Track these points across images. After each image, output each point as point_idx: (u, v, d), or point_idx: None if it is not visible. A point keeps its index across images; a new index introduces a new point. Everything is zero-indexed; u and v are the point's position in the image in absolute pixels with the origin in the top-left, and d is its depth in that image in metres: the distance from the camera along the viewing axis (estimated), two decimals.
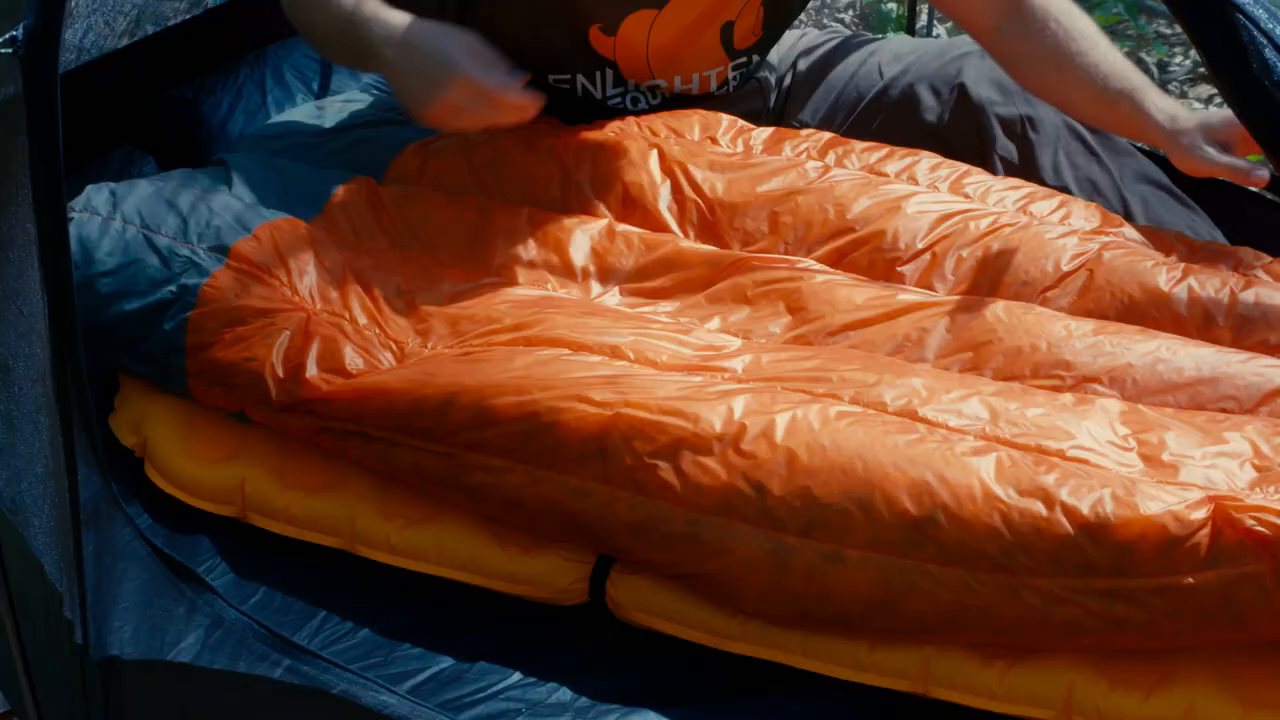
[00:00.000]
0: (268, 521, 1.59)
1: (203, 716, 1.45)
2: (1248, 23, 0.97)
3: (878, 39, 2.07)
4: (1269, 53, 0.96)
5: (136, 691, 1.41)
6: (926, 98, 1.92)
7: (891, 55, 1.99)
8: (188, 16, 2.07)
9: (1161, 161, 1.89)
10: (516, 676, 1.48)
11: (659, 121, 1.85)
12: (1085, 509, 1.31)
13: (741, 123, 1.87)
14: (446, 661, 1.49)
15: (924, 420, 1.42)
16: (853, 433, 1.39)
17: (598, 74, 1.90)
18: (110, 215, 1.65)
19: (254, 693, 1.40)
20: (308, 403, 1.52)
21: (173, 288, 1.60)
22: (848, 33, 2.15)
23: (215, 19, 2.14)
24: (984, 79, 1.89)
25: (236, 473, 1.60)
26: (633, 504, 1.42)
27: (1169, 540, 1.29)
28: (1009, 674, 1.38)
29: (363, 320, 1.58)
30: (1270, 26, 0.97)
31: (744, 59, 1.95)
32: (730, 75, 1.95)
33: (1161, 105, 1.71)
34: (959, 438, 1.40)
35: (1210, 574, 1.29)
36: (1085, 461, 1.37)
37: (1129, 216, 1.86)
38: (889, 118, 1.95)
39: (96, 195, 1.68)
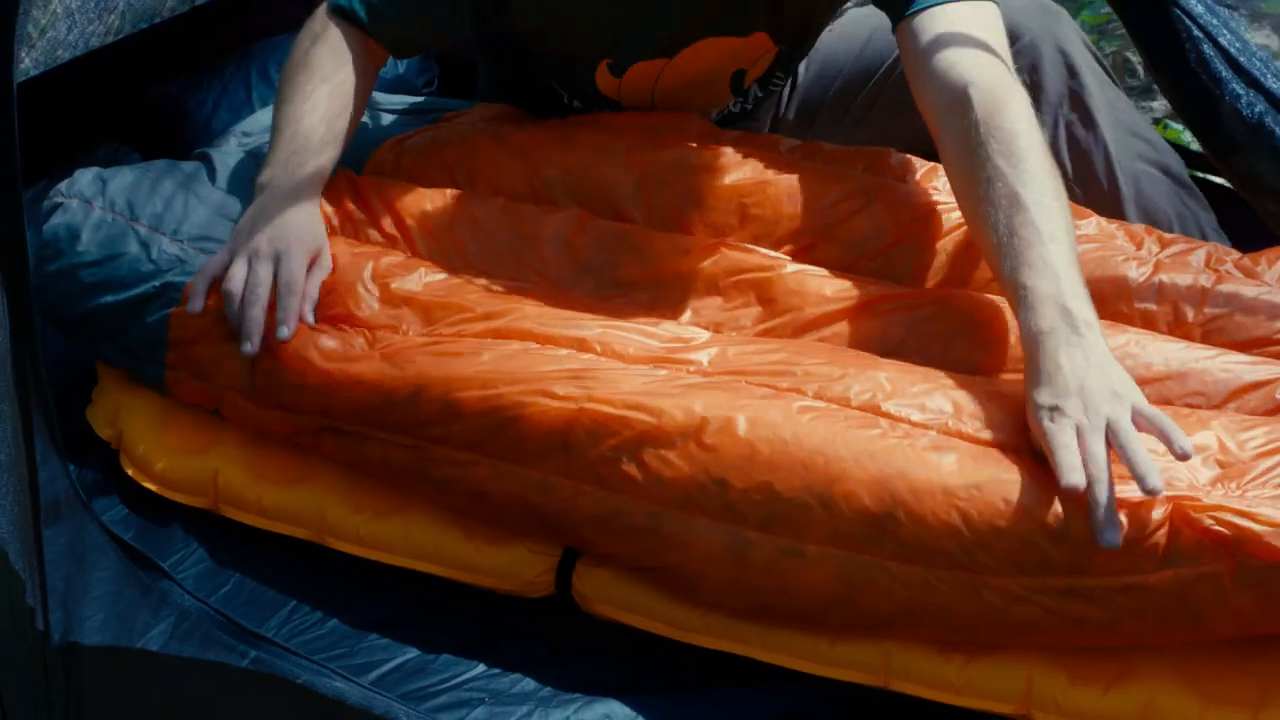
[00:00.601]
0: (239, 513, 1.61)
1: (168, 704, 1.46)
2: (1184, 17, 0.96)
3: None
4: (1206, 47, 0.96)
5: (102, 679, 1.43)
6: None
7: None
8: (174, 14, 2.08)
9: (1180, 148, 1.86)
10: (482, 667, 1.49)
11: (628, 117, 1.85)
12: (1044, 507, 1.31)
13: (710, 124, 1.87)
14: (413, 652, 1.50)
15: (887, 415, 1.42)
16: (815, 428, 1.39)
17: (594, 109, 1.91)
18: (96, 201, 1.67)
19: (219, 682, 1.41)
20: (281, 390, 1.53)
21: (156, 283, 1.62)
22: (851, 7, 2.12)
23: (204, 16, 2.15)
24: None
25: (209, 465, 1.62)
26: (596, 498, 1.43)
27: (1126, 539, 1.29)
28: (968, 668, 1.38)
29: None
30: (1208, 22, 0.96)
31: (750, 91, 1.95)
32: (732, 107, 1.96)
33: (1028, 324, 1.38)
34: (921, 433, 1.40)
35: (1168, 573, 1.29)
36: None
37: (1116, 198, 1.84)
38: (892, 92, 1.94)
39: (83, 179, 1.71)
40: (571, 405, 1.44)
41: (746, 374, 1.48)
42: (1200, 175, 1.98)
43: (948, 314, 1.57)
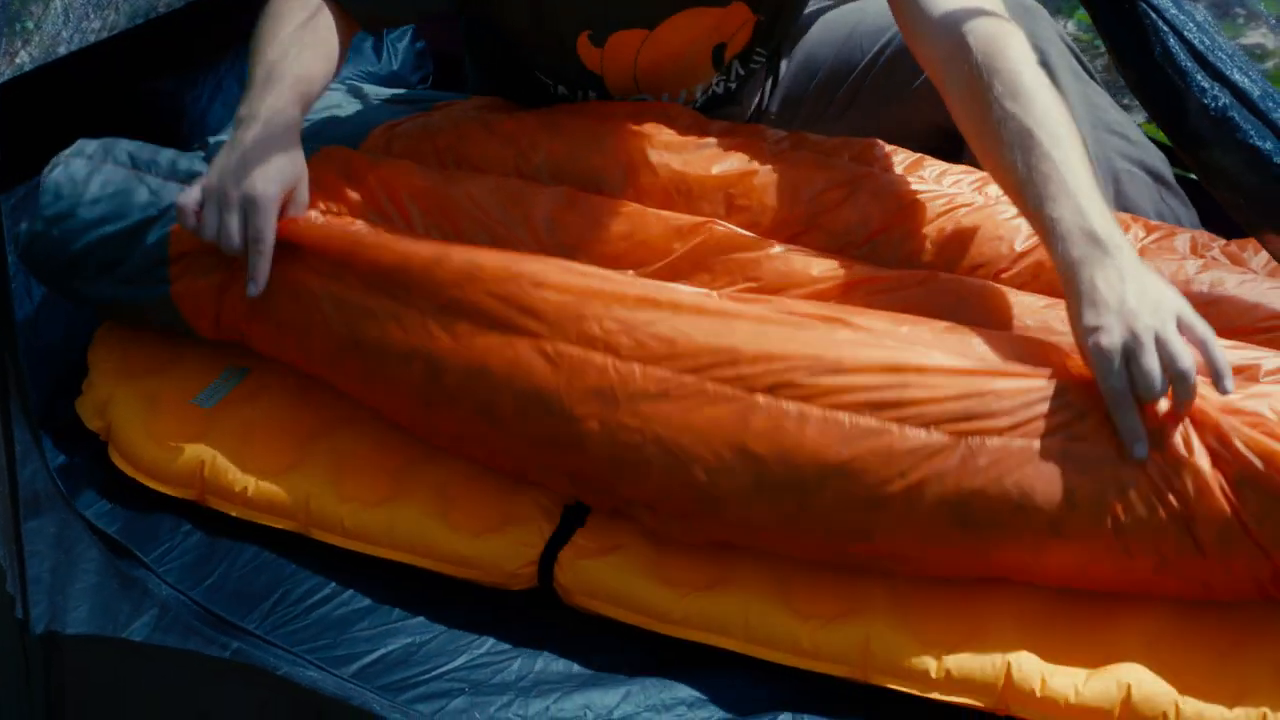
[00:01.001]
0: (225, 505, 1.62)
1: (149, 694, 1.47)
2: (1150, 12, 0.96)
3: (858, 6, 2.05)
4: (1172, 41, 0.96)
5: (83, 668, 1.44)
6: (904, 69, 1.91)
7: (874, 28, 1.97)
8: (171, 10, 2.09)
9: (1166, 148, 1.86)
10: (464, 658, 1.50)
11: (616, 106, 1.86)
12: (1042, 372, 1.38)
13: (698, 115, 1.87)
14: (396, 644, 1.51)
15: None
16: (819, 329, 1.44)
17: (580, 92, 1.91)
18: (101, 159, 1.71)
19: (200, 672, 1.42)
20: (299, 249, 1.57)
21: (161, 205, 1.66)
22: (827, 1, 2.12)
23: (200, 12, 2.16)
24: None
25: (196, 456, 1.62)
26: (603, 366, 1.45)
27: None
28: (948, 658, 1.38)
29: None
30: (1174, 16, 0.96)
31: (731, 68, 1.95)
32: (715, 86, 1.96)
33: (1060, 255, 1.41)
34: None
35: (1153, 451, 1.32)
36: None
37: None
38: (873, 86, 1.95)
39: (88, 146, 1.74)
40: (587, 279, 1.50)
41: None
42: (1191, 176, 1.97)
43: (935, 295, 1.57)
